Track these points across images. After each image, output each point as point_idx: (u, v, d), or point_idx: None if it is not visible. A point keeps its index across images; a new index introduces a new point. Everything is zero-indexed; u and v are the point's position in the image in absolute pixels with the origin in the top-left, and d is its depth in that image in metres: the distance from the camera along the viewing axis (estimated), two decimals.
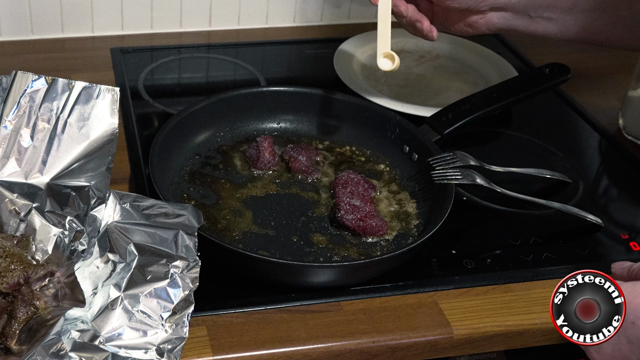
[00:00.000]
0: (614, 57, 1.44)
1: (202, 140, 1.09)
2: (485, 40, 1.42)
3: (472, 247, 1.00)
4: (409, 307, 0.90)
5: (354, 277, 0.91)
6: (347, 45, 1.34)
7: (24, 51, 1.31)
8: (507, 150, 1.12)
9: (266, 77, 1.31)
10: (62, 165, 0.90)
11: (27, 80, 0.90)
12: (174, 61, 1.34)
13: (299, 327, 0.86)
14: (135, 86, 1.25)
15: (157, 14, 1.38)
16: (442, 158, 1.02)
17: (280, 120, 1.14)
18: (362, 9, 1.47)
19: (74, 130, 0.90)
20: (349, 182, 1.01)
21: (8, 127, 0.90)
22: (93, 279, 0.82)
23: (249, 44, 1.40)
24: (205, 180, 1.04)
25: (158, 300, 0.79)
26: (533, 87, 1.20)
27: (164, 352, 0.77)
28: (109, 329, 0.77)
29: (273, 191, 1.04)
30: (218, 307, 0.87)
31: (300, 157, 1.06)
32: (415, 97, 1.26)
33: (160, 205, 0.89)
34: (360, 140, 1.12)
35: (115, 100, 0.91)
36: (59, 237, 0.85)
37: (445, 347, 0.88)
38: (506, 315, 0.90)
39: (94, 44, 1.36)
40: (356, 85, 1.23)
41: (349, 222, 0.96)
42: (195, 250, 0.84)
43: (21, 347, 0.76)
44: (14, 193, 0.88)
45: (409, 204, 1.03)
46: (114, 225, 0.86)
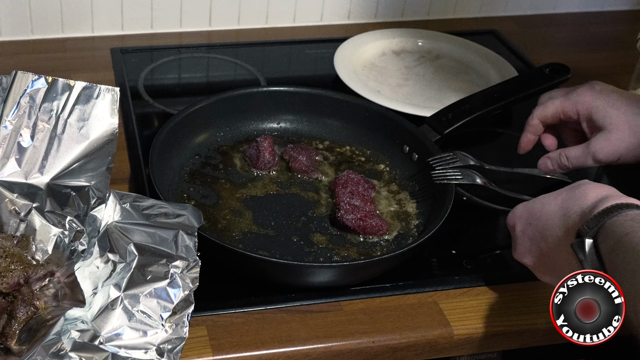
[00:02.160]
0: (614, 57, 1.44)
1: (202, 140, 1.09)
2: (485, 40, 1.42)
3: (472, 247, 1.00)
4: (409, 307, 0.90)
5: (354, 277, 0.91)
6: (347, 45, 1.34)
7: (24, 51, 1.31)
8: (507, 150, 1.12)
9: (266, 77, 1.31)
10: (62, 165, 0.90)
11: (27, 80, 0.90)
12: (174, 61, 1.34)
13: (299, 327, 0.86)
14: (135, 86, 1.25)
15: (157, 14, 1.38)
16: (442, 158, 1.02)
17: (280, 120, 1.14)
18: (362, 9, 1.47)
19: (74, 130, 0.90)
20: (349, 182, 1.01)
21: (8, 127, 0.90)
22: (93, 279, 0.82)
23: (249, 44, 1.40)
24: (205, 180, 1.04)
25: (158, 300, 0.79)
26: (533, 87, 1.20)
27: (164, 352, 0.77)
28: (109, 329, 0.77)
29: (273, 191, 1.04)
30: (218, 307, 0.87)
31: (300, 157, 1.06)
32: (415, 97, 1.26)
33: (160, 205, 0.89)
34: (360, 140, 1.12)
35: (115, 100, 0.91)
36: (59, 237, 0.85)
37: (445, 347, 0.88)
38: (506, 315, 0.90)
39: (94, 44, 1.35)
40: (356, 85, 1.22)
41: (349, 222, 0.96)
42: (195, 250, 0.84)
43: (21, 347, 0.76)
44: (14, 193, 0.88)
45: (409, 204, 1.03)
46: (114, 225, 0.86)
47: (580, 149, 0.99)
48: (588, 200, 0.77)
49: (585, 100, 0.98)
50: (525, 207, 0.85)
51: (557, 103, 1.01)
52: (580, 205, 0.77)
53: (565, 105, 1.00)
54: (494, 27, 1.51)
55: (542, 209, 0.82)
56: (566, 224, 0.78)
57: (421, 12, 1.51)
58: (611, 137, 0.96)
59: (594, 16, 1.59)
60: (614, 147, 0.96)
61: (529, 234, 0.84)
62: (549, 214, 0.81)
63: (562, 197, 0.81)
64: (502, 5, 1.55)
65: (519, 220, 0.85)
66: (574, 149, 1.00)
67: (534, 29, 1.54)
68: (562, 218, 0.79)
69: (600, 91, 0.99)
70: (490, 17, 1.55)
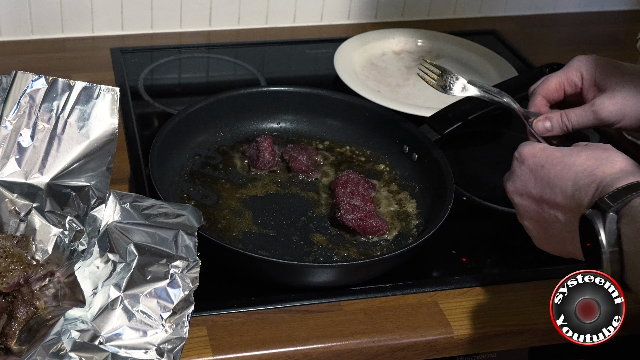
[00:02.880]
0: (614, 57, 1.43)
1: (202, 140, 1.09)
2: (485, 40, 1.42)
3: (472, 247, 1.00)
4: (409, 307, 0.90)
5: (354, 277, 0.91)
6: (347, 45, 1.34)
7: (24, 51, 1.31)
8: (507, 151, 1.12)
9: (266, 77, 1.31)
10: (62, 165, 0.90)
11: (27, 80, 0.90)
12: (174, 61, 1.34)
13: (299, 327, 0.86)
14: (135, 86, 1.25)
15: (157, 14, 1.38)
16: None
17: (280, 120, 1.14)
18: (362, 9, 1.47)
19: (74, 130, 0.90)
20: (349, 182, 1.01)
21: (8, 127, 0.90)
22: (93, 279, 0.82)
23: (249, 44, 1.40)
24: (205, 180, 1.04)
25: (158, 300, 0.79)
26: None
27: (164, 352, 0.77)
28: (109, 329, 0.77)
29: (273, 191, 1.04)
30: (218, 307, 0.87)
31: (300, 157, 1.06)
32: (415, 97, 1.26)
33: (160, 205, 0.89)
34: (360, 140, 1.12)
35: (115, 100, 0.91)
36: (59, 237, 0.85)
37: (445, 347, 0.88)
38: (506, 315, 0.90)
39: (94, 44, 1.35)
40: (356, 85, 1.22)
41: (349, 222, 0.96)
42: (195, 250, 0.84)
43: (21, 347, 0.76)
44: (14, 193, 0.88)
45: (409, 204, 1.03)
46: (114, 225, 0.86)
47: (583, 109, 0.94)
48: (614, 168, 0.74)
49: (588, 64, 0.95)
50: (545, 149, 0.82)
51: (559, 73, 0.97)
52: (603, 171, 0.74)
53: (568, 72, 0.96)
54: (494, 27, 1.51)
55: (562, 158, 0.79)
56: (581, 183, 0.75)
57: (421, 12, 1.51)
58: (616, 95, 0.92)
59: (594, 16, 1.59)
60: (618, 106, 0.92)
61: (537, 175, 0.80)
62: (568, 165, 0.78)
63: (587, 154, 0.78)
64: (502, 5, 1.55)
65: (533, 157, 0.82)
66: (576, 109, 0.95)
67: (534, 29, 1.54)
68: (580, 174, 0.76)
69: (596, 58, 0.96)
70: (490, 17, 1.55)
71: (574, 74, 0.96)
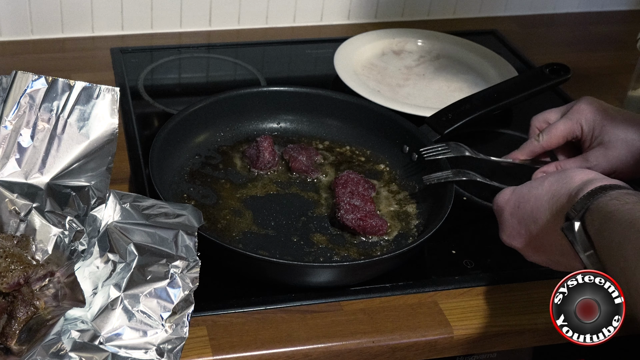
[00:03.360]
0: (614, 57, 1.44)
1: (202, 140, 1.09)
2: (485, 40, 1.42)
3: (472, 247, 1.00)
4: (409, 307, 0.90)
5: (354, 277, 0.91)
6: (347, 45, 1.34)
7: (24, 51, 1.31)
8: (507, 151, 1.12)
9: (266, 77, 1.31)
10: (62, 165, 0.90)
11: (27, 80, 0.90)
12: (174, 61, 1.34)
13: (299, 327, 0.86)
14: (135, 86, 1.25)
15: (157, 14, 1.38)
16: (434, 149, 1.02)
17: (280, 120, 1.14)
18: (362, 9, 1.47)
19: (74, 130, 0.90)
20: (349, 182, 1.01)
21: (8, 127, 0.90)
22: (93, 279, 0.82)
23: (249, 44, 1.40)
24: (205, 180, 1.04)
25: (158, 300, 0.79)
26: (533, 87, 1.20)
27: (164, 352, 0.77)
28: (109, 329, 0.77)
29: (273, 191, 1.04)
30: (218, 307, 0.87)
31: (300, 157, 1.06)
32: (415, 97, 1.26)
33: (160, 205, 0.89)
34: (360, 140, 1.12)
35: (115, 100, 0.91)
36: (59, 237, 0.85)
37: (445, 347, 0.88)
38: (506, 315, 0.90)
39: (94, 44, 1.35)
40: (356, 85, 1.22)
41: (349, 222, 0.96)
42: (195, 250, 0.83)
43: (21, 347, 0.76)
44: (14, 193, 0.88)
45: (409, 204, 1.03)
46: (114, 225, 0.86)
47: (578, 162, 1.00)
48: (574, 183, 0.78)
49: (587, 117, 1.00)
50: (513, 191, 0.87)
51: (562, 127, 1.02)
52: (567, 188, 0.79)
53: (571, 126, 1.01)
54: (494, 27, 1.51)
55: (529, 193, 0.84)
56: (554, 207, 0.80)
57: (421, 12, 1.51)
58: (608, 153, 0.98)
59: (594, 16, 1.59)
60: (610, 163, 0.98)
61: (518, 217, 0.85)
62: (537, 196, 0.83)
63: (549, 181, 0.82)
64: (502, 5, 1.55)
65: (507, 203, 0.87)
66: (571, 161, 1.01)
67: (534, 29, 1.54)
68: (550, 201, 0.81)
69: (597, 107, 1.01)
70: (490, 17, 1.55)
71: (575, 128, 1.01)
